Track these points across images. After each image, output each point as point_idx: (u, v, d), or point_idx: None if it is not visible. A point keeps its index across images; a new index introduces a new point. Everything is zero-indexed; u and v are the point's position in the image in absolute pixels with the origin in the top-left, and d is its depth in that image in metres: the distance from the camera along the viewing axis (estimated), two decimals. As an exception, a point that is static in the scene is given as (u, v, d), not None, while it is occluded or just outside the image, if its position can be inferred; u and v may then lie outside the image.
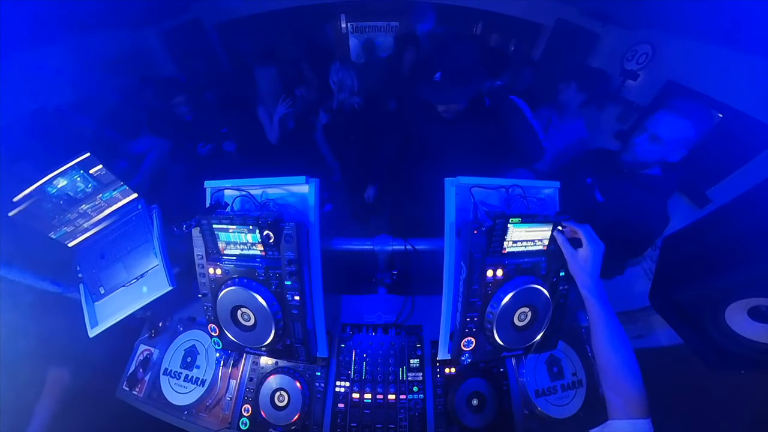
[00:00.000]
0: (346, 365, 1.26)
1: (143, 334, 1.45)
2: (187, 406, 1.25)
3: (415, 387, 1.21)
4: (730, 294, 0.84)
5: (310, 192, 1.09)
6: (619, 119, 3.06)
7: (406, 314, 1.38)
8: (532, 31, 3.71)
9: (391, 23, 4.02)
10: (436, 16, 3.60)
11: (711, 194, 2.15)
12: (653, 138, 1.36)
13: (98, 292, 1.37)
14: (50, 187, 1.31)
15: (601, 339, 0.84)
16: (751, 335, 0.85)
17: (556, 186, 1.13)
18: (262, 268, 1.04)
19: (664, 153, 1.37)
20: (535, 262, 1.01)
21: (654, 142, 1.36)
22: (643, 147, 1.39)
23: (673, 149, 1.35)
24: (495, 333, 1.00)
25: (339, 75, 2.45)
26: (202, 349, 1.35)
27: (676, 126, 1.32)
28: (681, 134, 1.32)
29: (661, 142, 1.35)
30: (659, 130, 1.35)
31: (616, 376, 0.80)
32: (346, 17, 4.00)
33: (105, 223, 1.47)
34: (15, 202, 1.27)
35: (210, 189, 1.16)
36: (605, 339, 0.83)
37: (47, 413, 1.35)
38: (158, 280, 1.34)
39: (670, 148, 1.35)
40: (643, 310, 1.46)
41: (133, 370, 1.34)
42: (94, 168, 1.35)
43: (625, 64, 2.96)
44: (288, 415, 1.17)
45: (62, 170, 1.30)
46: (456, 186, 1.04)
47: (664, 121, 1.35)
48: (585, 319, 1.39)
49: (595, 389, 1.24)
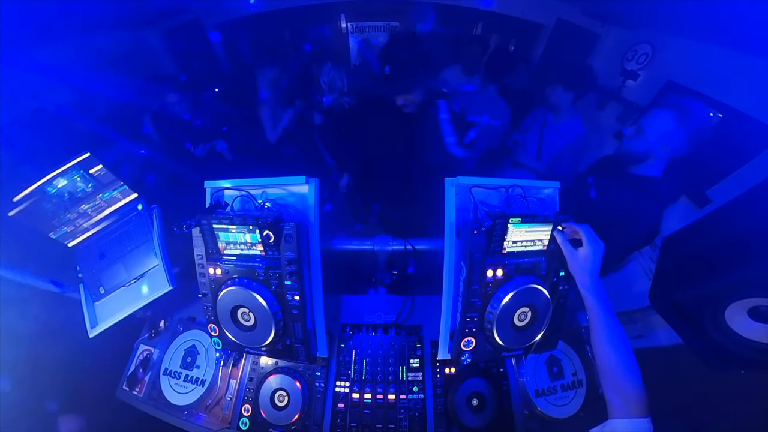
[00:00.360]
0: (346, 365, 1.26)
1: (143, 334, 1.45)
2: (187, 406, 1.25)
3: (415, 387, 1.21)
4: (730, 294, 0.84)
5: (310, 192, 1.10)
6: (619, 119, 3.06)
7: (406, 314, 1.38)
8: (532, 31, 3.70)
9: (391, 23, 4.01)
10: (436, 16, 3.60)
11: (711, 194, 2.15)
12: (638, 130, 1.40)
13: (98, 292, 1.37)
14: (50, 187, 1.31)
15: (600, 338, 0.84)
16: (751, 335, 0.85)
17: (556, 186, 1.13)
18: (262, 268, 1.04)
19: (649, 145, 1.38)
20: (535, 262, 1.01)
21: (638, 133, 1.40)
22: (628, 138, 1.43)
23: (657, 142, 1.36)
24: (495, 333, 1.00)
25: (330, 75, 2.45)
26: (202, 349, 1.34)
27: (657, 118, 1.35)
28: (661, 126, 1.34)
29: (643, 134, 1.38)
30: (644, 123, 1.39)
31: (616, 376, 0.80)
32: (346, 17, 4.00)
33: (105, 223, 1.47)
34: (15, 202, 1.27)
35: (210, 189, 1.16)
36: (605, 338, 0.83)
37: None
38: (158, 280, 1.34)
39: (653, 141, 1.36)
40: (643, 310, 1.46)
41: (133, 370, 1.34)
42: (94, 168, 1.35)
43: (625, 64, 2.96)
44: (288, 415, 1.17)
45: (62, 170, 1.31)
46: (456, 186, 1.04)
47: (650, 115, 1.39)
48: (585, 319, 1.38)
49: (595, 389, 1.24)
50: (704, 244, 1.01)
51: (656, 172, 1.44)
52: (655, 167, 1.43)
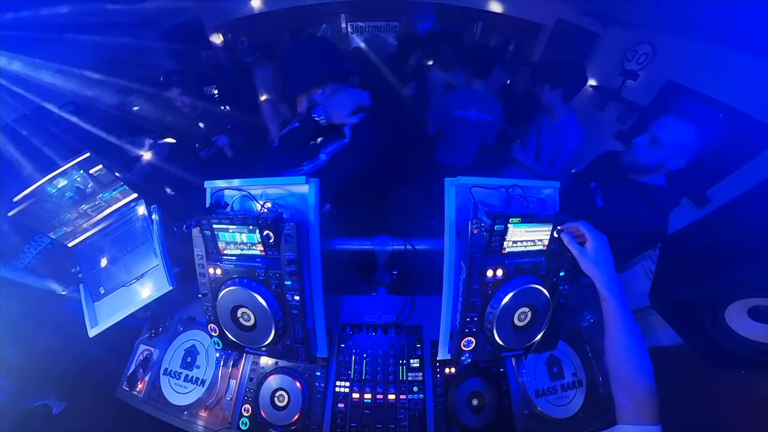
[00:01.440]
0: (346, 365, 1.26)
1: (143, 334, 1.45)
2: (187, 406, 1.25)
3: (415, 387, 1.21)
4: (730, 294, 0.84)
5: (310, 192, 1.09)
6: (619, 119, 3.06)
7: (406, 314, 1.38)
8: (532, 31, 3.71)
9: (391, 23, 4.02)
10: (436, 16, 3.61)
11: (711, 194, 2.15)
12: (653, 141, 1.33)
13: (98, 292, 1.37)
14: (50, 187, 1.31)
15: (616, 340, 0.79)
16: (751, 335, 0.85)
17: (556, 186, 1.13)
18: (262, 268, 1.04)
19: (663, 158, 1.33)
20: (535, 262, 1.01)
21: (653, 145, 1.33)
22: (642, 148, 1.36)
23: (673, 155, 1.31)
24: (495, 333, 1.00)
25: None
26: (202, 349, 1.34)
27: (678, 131, 1.28)
28: (682, 140, 1.28)
29: (660, 146, 1.31)
30: (660, 134, 1.31)
31: (630, 380, 0.76)
32: (346, 17, 4.00)
33: (105, 223, 1.47)
34: (15, 202, 1.27)
35: (210, 189, 1.16)
36: (622, 342, 0.79)
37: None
38: (158, 280, 1.34)
39: (670, 154, 1.31)
40: (643, 310, 1.46)
41: (133, 370, 1.34)
42: (94, 168, 1.35)
43: (625, 64, 2.96)
44: (288, 415, 1.17)
45: (62, 170, 1.31)
46: (456, 186, 1.04)
47: (667, 125, 1.31)
48: (585, 319, 1.39)
49: (595, 389, 1.24)
50: (704, 244, 1.01)
51: (661, 181, 1.41)
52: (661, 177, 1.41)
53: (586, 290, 1.53)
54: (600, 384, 1.25)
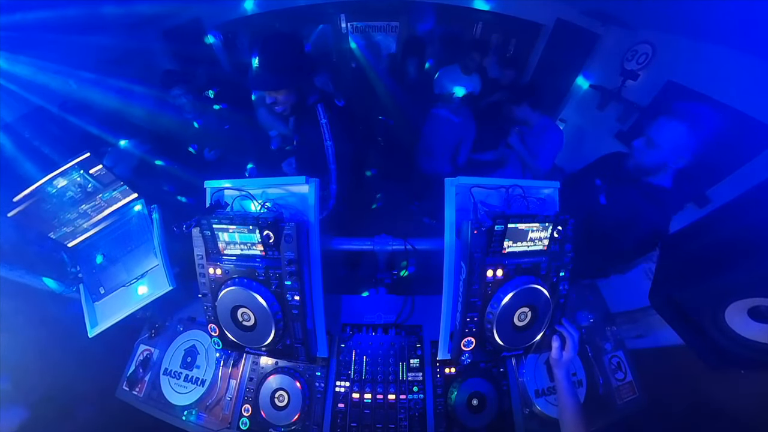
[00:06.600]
0: (346, 365, 1.26)
1: (143, 334, 1.45)
2: (187, 406, 1.25)
3: (415, 387, 1.21)
4: (730, 294, 0.84)
5: (310, 192, 1.09)
6: (619, 119, 3.06)
7: (406, 314, 1.38)
8: (532, 31, 3.70)
9: (391, 23, 4.01)
10: (436, 16, 3.60)
11: (711, 194, 2.15)
12: (649, 142, 1.35)
13: (98, 292, 1.37)
14: (50, 187, 1.31)
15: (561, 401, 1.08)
16: (751, 335, 0.85)
17: (556, 186, 1.13)
18: (262, 268, 1.04)
19: (662, 158, 1.34)
20: (535, 262, 1.01)
21: (650, 146, 1.34)
22: (640, 151, 1.38)
23: (671, 155, 1.32)
24: (495, 333, 1.00)
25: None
26: (202, 349, 1.34)
27: (671, 131, 1.30)
28: (677, 139, 1.29)
29: (657, 147, 1.33)
30: (655, 135, 1.33)
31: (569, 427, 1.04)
32: (346, 17, 4.00)
33: (105, 223, 1.47)
34: (15, 202, 1.27)
35: (210, 189, 1.16)
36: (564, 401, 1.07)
37: None
38: (158, 280, 1.34)
39: (668, 154, 1.32)
40: (643, 310, 1.46)
41: (133, 370, 1.34)
42: (94, 168, 1.35)
43: (625, 64, 2.96)
44: (288, 415, 1.17)
45: (62, 170, 1.31)
46: (456, 186, 1.04)
47: (660, 126, 1.33)
48: (585, 319, 1.39)
49: (595, 389, 1.24)
50: (704, 244, 1.01)
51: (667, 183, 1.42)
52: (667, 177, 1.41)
53: (586, 290, 1.54)
54: (600, 384, 1.25)
